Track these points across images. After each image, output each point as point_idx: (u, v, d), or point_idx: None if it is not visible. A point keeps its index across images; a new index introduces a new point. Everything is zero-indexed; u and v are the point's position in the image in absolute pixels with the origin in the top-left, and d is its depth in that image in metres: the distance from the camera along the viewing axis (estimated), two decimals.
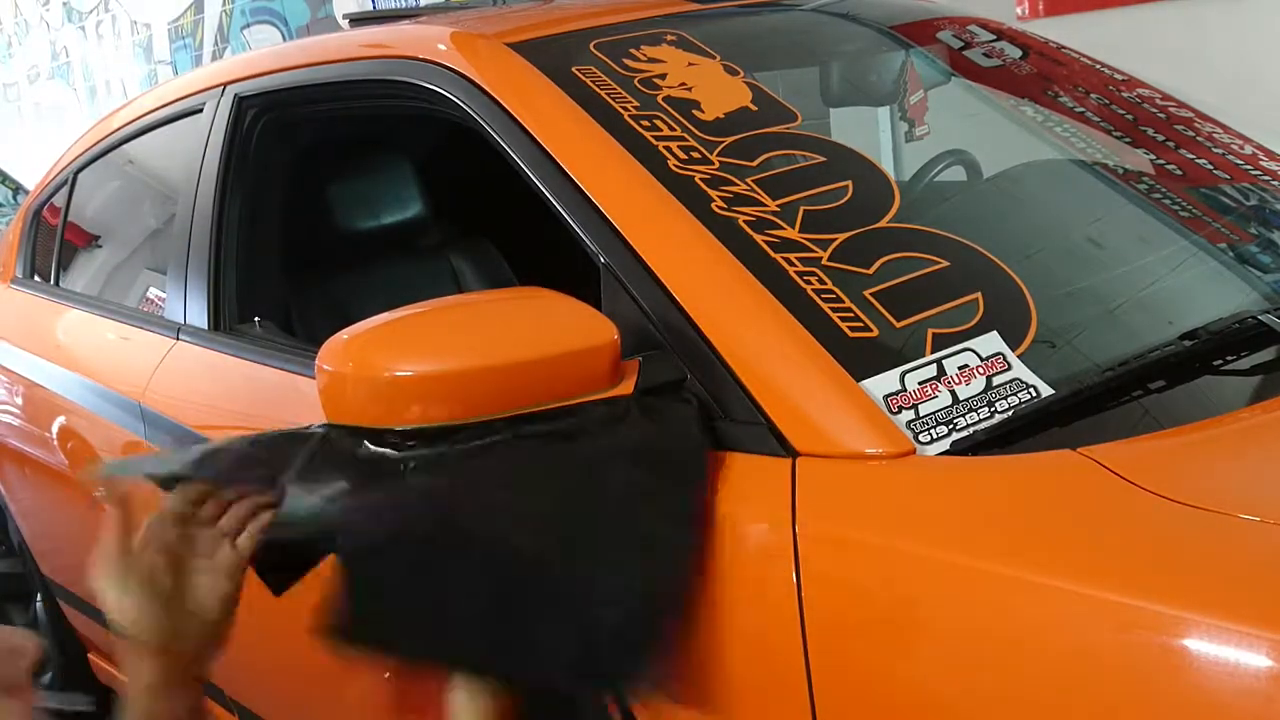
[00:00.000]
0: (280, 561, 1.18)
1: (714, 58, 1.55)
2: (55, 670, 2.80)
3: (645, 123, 1.40)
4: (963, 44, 1.83)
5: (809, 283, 1.20)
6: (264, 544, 1.13)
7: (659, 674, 1.02)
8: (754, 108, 1.46)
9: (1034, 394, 1.12)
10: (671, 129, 1.39)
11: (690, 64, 1.53)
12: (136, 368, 2.02)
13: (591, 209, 1.32)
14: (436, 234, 2.41)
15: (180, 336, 1.96)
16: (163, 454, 1.39)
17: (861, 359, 1.13)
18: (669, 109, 1.43)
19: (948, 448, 1.07)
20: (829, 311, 1.17)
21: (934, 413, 1.09)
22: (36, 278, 2.72)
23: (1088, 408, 1.12)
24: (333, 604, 1.08)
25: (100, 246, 2.63)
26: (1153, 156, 1.62)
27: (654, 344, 1.22)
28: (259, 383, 1.74)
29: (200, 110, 2.06)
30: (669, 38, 1.58)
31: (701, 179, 1.32)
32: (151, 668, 1.06)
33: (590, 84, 1.46)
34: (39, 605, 2.80)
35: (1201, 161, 1.61)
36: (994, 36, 1.87)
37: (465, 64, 1.52)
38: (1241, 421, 1.11)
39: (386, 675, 1.22)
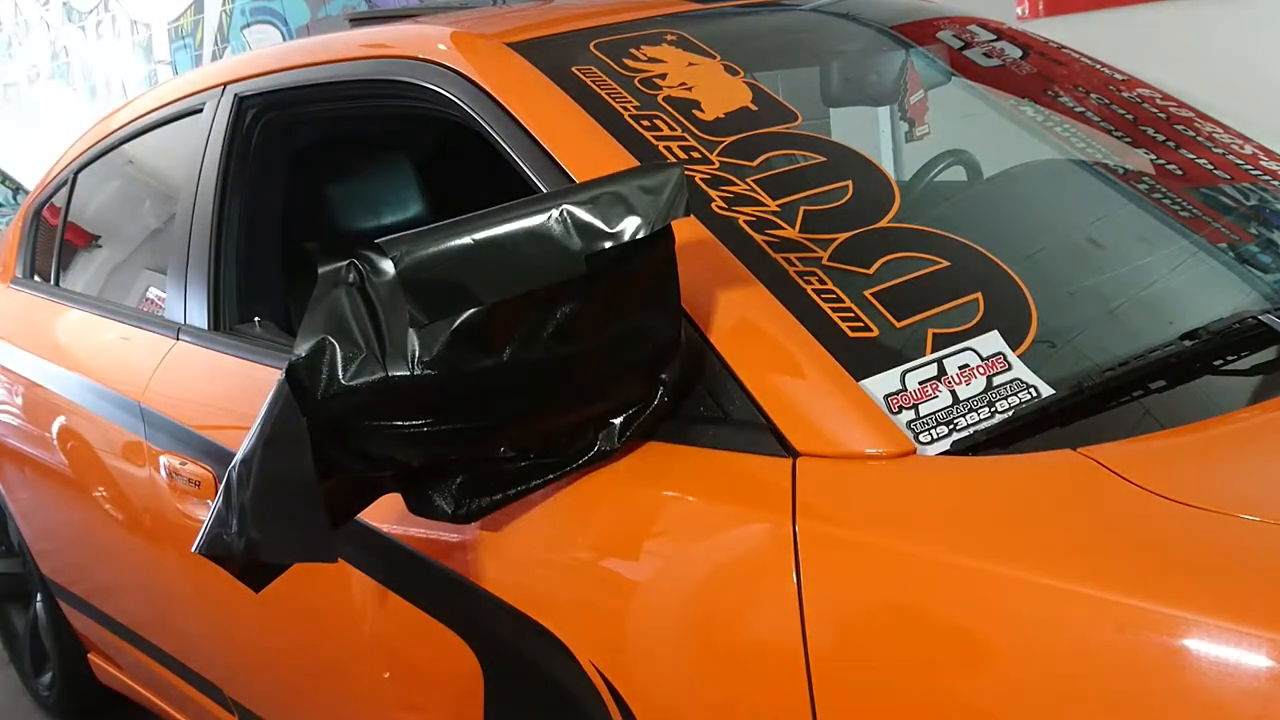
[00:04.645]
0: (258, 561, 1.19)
1: (714, 58, 1.55)
2: (55, 670, 2.81)
3: (645, 122, 1.40)
4: (963, 44, 1.83)
5: (809, 283, 1.20)
6: (246, 545, 1.13)
7: None
8: (754, 108, 1.46)
9: (1034, 394, 1.12)
10: (672, 129, 1.39)
11: (690, 64, 1.53)
12: (136, 368, 2.02)
13: None
14: None
15: (180, 336, 1.96)
16: None
17: (862, 359, 1.13)
18: (669, 109, 1.43)
19: (948, 448, 1.06)
20: (829, 311, 1.17)
21: (934, 412, 1.09)
22: (36, 278, 2.72)
23: (1088, 408, 1.12)
24: None
25: (100, 246, 2.63)
26: (1153, 156, 1.62)
27: None
28: (259, 383, 1.74)
29: (200, 110, 2.06)
30: (669, 38, 1.58)
31: (701, 179, 1.32)
32: None
33: (590, 84, 1.46)
34: (39, 605, 2.80)
35: (1202, 161, 1.61)
36: (994, 36, 1.87)
37: (465, 64, 1.52)
38: (1241, 421, 1.11)
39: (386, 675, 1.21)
